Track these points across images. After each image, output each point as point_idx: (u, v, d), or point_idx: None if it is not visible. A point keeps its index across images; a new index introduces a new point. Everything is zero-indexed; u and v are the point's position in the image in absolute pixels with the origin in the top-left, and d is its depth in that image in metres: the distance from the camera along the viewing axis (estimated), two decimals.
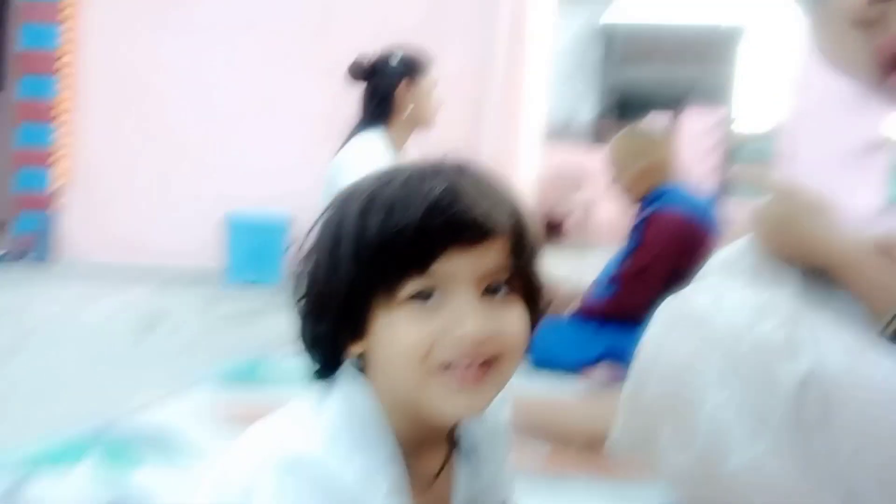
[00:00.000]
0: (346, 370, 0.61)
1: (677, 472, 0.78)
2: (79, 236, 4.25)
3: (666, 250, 2.08)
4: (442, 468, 0.65)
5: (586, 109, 12.06)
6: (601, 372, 2.03)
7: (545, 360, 2.12)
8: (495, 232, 0.55)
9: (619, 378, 2.03)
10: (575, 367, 2.09)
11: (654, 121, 2.40)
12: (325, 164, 2.08)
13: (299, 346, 0.62)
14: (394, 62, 2.09)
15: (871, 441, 0.66)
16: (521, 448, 1.46)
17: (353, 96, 2.16)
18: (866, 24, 0.67)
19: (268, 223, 3.89)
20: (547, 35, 5.87)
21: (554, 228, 6.88)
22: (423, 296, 0.55)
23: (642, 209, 2.24)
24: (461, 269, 0.55)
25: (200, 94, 4.17)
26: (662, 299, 0.86)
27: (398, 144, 2.08)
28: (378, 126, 2.07)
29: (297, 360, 0.63)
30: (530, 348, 0.57)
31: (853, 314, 0.81)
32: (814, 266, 0.84)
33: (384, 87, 2.08)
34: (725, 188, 4.29)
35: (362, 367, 0.61)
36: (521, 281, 0.59)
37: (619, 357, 2.06)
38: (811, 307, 0.78)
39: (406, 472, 0.59)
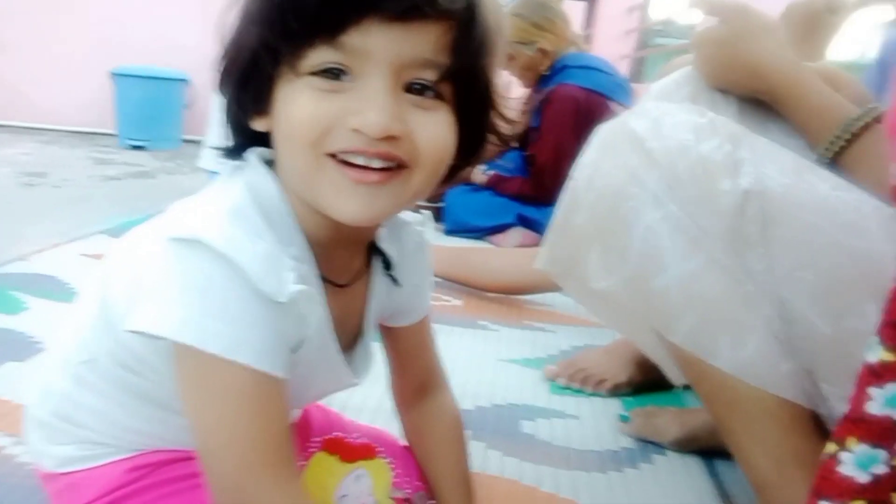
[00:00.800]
0: (253, 160, 0.53)
1: (605, 295, 0.76)
2: None
3: (568, 127, 2.00)
4: (358, 274, 0.59)
5: None
6: (513, 236, 2.03)
7: (456, 225, 2.10)
8: (430, 11, 0.45)
9: (530, 243, 2.05)
10: (486, 232, 2.07)
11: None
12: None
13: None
14: None
15: (806, 258, 0.64)
16: (435, 297, 1.45)
17: None
18: None
19: (160, 79, 3.58)
20: None
21: None
22: (332, 73, 0.46)
23: (542, 87, 2.16)
24: (378, 48, 0.45)
25: None
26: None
27: None
28: None
29: None
30: (443, 215, 0.50)
31: (788, 144, 0.80)
32: (754, 91, 0.80)
33: None
34: (639, 72, 4.29)
35: (272, 156, 0.53)
36: (459, 87, 0.49)
37: (531, 225, 2.06)
38: (750, 132, 0.75)
39: (317, 270, 0.53)
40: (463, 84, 0.50)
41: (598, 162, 0.78)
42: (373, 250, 0.61)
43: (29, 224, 1.88)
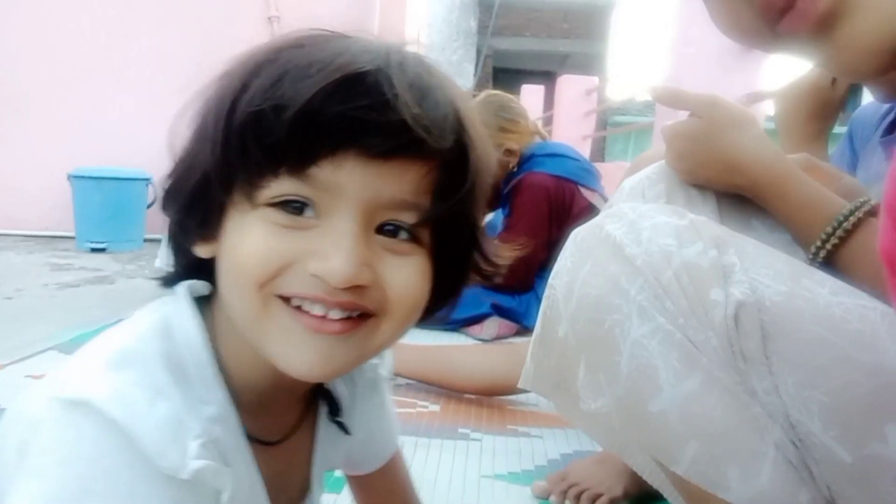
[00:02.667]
0: (180, 295, 0.46)
1: (595, 417, 0.68)
2: None
3: (540, 214, 1.99)
4: (297, 425, 0.52)
5: (465, 77, 12.05)
6: (490, 327, 1.95)
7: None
8: (416, 150, 0.40)
9: (507, 333, 1.98)
10: (461, 324, 2.00)
11: (495, 98, 2.23)
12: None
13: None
14: None
15: (814, 375, 0.58)
16: (410, 405, 1.36)
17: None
18: None
19: (121, 181, 3.51)
20: (421, 3, 5.72)
21: None
22: (295, 206, 0.40)
23: (511, 176, 2.16)
24: (352, 185, 0.40)
25: (42, 42, 3.70)
26: (548, 263, 0.76)
27: None
28: None
29: None
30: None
31: (774, 239, 0.75)
32: (734, 186, 0.76)
33: None
34: (601, 152, 4.36)
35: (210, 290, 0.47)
36: (438, 232, 0.44)
37: (507, 314, 1.99)
38: (735, 233, 0.70)
39: (241, 423, 0.45)
40: (444, 229, 0.44)
41: (575, 269, 0.72)
42: (316, 393, 0.54)
43: None
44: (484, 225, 0.49)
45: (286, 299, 0.41)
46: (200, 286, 0.47)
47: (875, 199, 0.69)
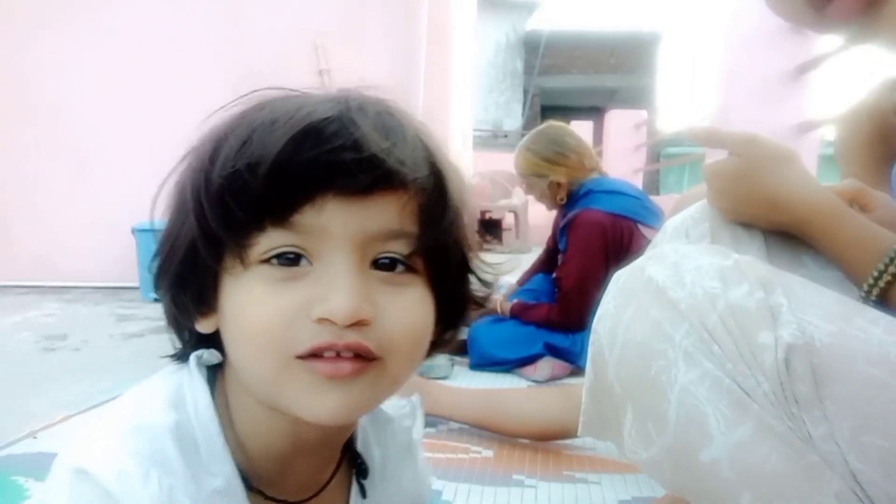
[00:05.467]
0: (192, 366, 0.48)
1: (648, 467, 0.67)
2: None
3: (593, 252, 1.96)
4: (327, 484, 0.53)
5: (513, 117, 12.14)
6: (543, 368, 1.93)
7: (482, 359, 2.01)
8: (393, 182, 0.41)
9: (561, 373, 1.95)
10: (514, 364, 1.98)
11: (551, 130, 2.24)
12: None
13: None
14: None
15: (872, 419, 0.56)
16: (463, 451, 1.35)
17: None
18: None
19: None
20: (469, 44, 5.81)
21: (491, 231, 6.86)
22: (288, 257, 0.41)
23: (565, 211, 2.14)
24: (337, 224, 0.40)
25: (103, 99, 3.90)
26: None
27: None
28: None
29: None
30: (467, 348, 0.44)
31: (825, 280, 0.72)
32: (778, 224, 0.74)
33: None
34: (655, 184, 4.31)
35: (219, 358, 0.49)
36: (432, 261, 0.45)
37: (560, 354, 1.97)
38: (781, 272, 0.68)
39: (248, 495, 0.46)
40: (436, 255, 0.45)
41: (618, 314, 0.71)
42: (349, 453, 0.55)
43: (42, 394, 1.83)
44: (474, 249, 0.50)
45: (302, 357, 0.42)
46: (210, 355, 0.48)
47: None
